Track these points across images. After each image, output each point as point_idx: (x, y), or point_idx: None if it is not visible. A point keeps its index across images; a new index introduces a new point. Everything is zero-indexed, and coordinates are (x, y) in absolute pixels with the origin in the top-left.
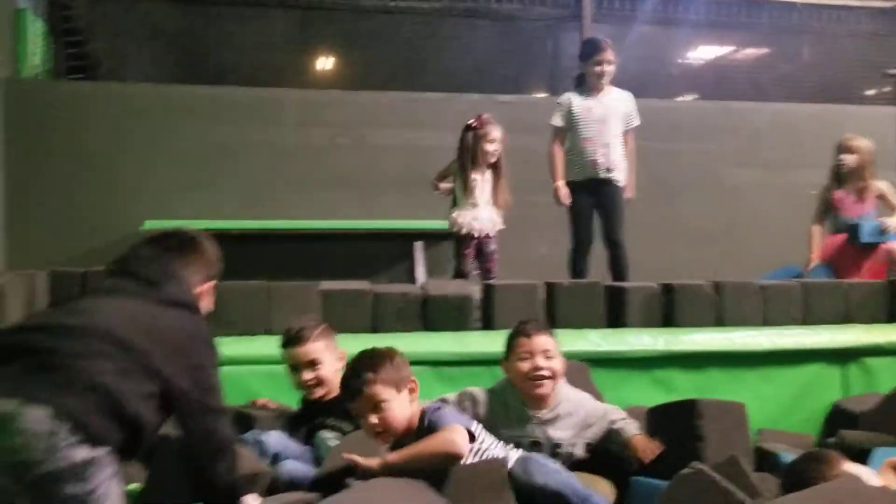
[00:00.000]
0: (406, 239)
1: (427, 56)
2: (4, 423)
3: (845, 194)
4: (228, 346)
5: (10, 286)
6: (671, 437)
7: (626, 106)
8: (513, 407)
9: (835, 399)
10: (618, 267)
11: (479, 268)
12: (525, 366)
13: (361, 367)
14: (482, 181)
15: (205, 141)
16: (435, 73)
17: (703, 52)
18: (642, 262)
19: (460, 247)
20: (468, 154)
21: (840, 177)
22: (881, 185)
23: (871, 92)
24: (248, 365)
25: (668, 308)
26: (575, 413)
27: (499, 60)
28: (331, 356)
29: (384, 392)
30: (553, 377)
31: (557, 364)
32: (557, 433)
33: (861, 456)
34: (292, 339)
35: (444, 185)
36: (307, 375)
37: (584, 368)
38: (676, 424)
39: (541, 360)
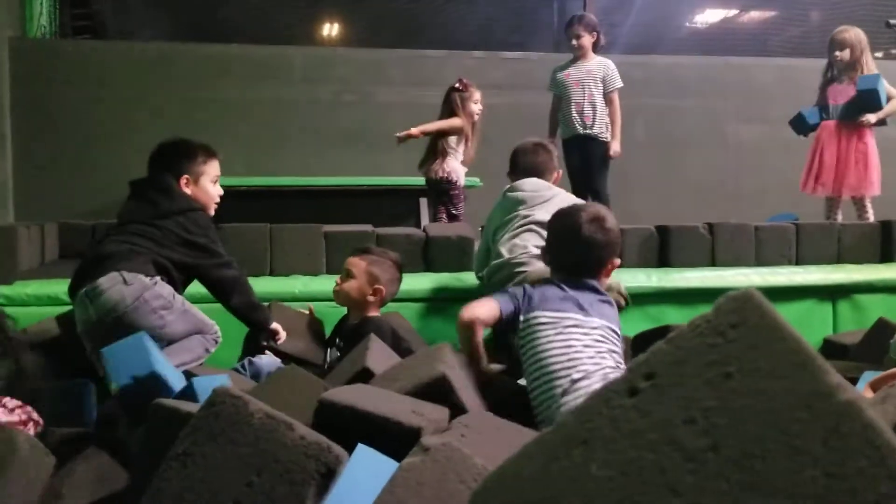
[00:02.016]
0: (412, 195)
1: (432, 13)
2: (89, 293)
3: (842, 87)
4: None
5: (23, 236)
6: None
7: (603, 72)
8: None
9: (826, 335)
10: None
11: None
12: None
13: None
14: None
15: (211, 98)
16: (440, 31)
17: (710, 15)
18: (647, 215)
19: (451, 196)
20: (460, 111)
21: (835, 72)
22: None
23: (878, 54)
24: None
25: (664, 249)
26: None
27: (503, 18)
28: (365, 280)
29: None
30: None
31: None
32: None
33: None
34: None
35: (415, 131)
36: (337, 280)
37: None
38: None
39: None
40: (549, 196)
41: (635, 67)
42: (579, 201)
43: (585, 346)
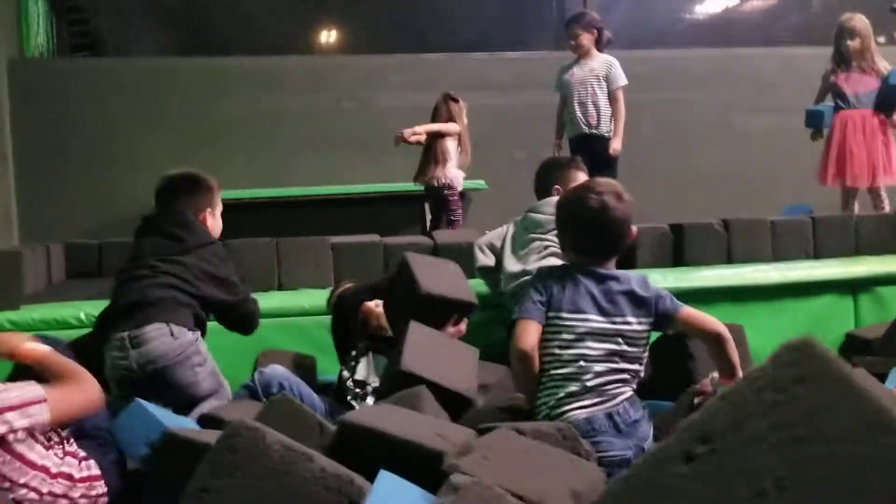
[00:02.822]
0: (417, 200)
1: (430, 16)
2: (133, 339)
3: (848, 75)
4: None
5: (28, 259)
6: (668, 360)
7: (605, 69)
8: None
9: (848, 330)
10: None
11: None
12: None
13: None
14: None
15: (212, 111)
16: (440, 33)
17: (710, 6)
18: (656, 209)
19: (450, 202)
20: (456, 118)
21: (842, 60)
22: (887, 65)
23: (881, 39)
24: (263, 318)
25: (678, 248)
26: None
27: (503, 17)
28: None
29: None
30: None
31: None
32: None
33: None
34: None
35: (416, 137)
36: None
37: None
38: (671, 348)
39: None
40: None
41: (638, 63)
42: None
43: (595, 360)
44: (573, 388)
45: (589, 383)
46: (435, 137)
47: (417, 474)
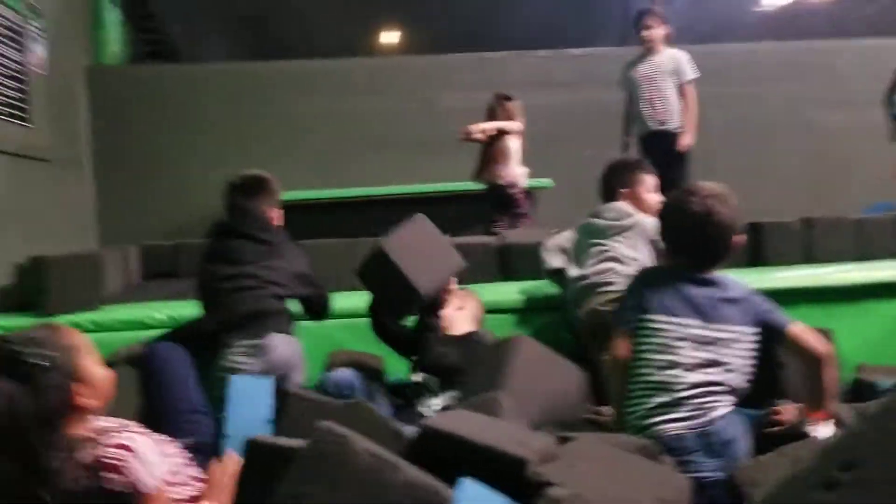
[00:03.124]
0: (480, 200)
1: (493, 14)
2: (258, 347)
3: None
4: None
5: (108, 261)
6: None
7: (675, 63)
8: None
9: None
10: None
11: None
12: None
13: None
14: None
15: (280, 113)
16: (503, 31)
17: None
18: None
19: (515, 199)
20: (516, 117)
21: None
22: None
23: None
24: (335, 319)
25: (756, 247)
26: None
27: (567, 14)
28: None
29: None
30: None
31: None
32: None
33: None
34: None
35: (482, 134)
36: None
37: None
38: (760, 352)
39: None
40: (627, 225)
41: (708, 57)
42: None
43: (690, 369)
44: (664, 398)
45: (681, 394)
46: (497, 136)
47: (499, 481)
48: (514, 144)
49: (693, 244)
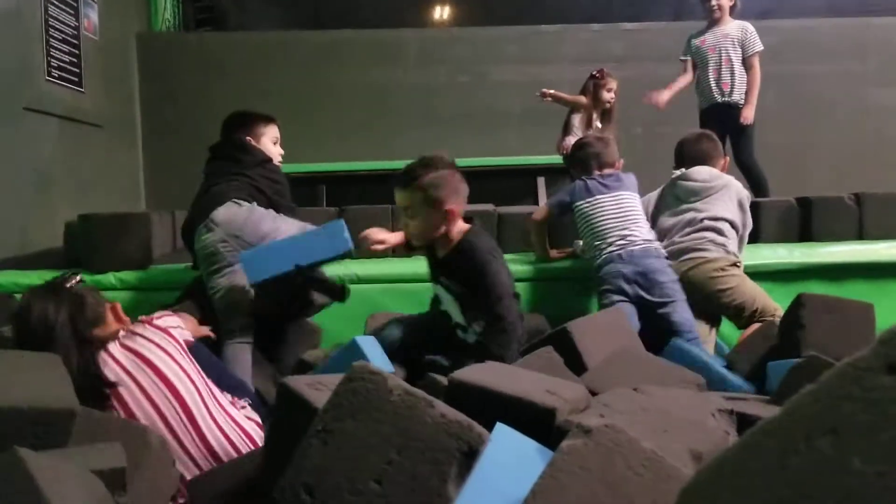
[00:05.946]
0: (529, 175)
1: None
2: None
3: None
4: (359, 266)
5: (156, 222)
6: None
7: (741, 34)
8: None
9: None
10: (752, 186)
11: None
12: None
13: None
14: (595, 122)
15: (327, 83)
16: (556, 4)
17: None
18: (784, 186)
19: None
20: (588, 94)
21: None
22: None
23: None
24: (375, 284)
25: (806, 222)
26: None
27: None
28: (426, 210)
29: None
30: None
31: None
32: None
33: None
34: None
35: (550, 92)
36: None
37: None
38: (787, 316)
39: None
40: (720, 186)
41: (766, 32)
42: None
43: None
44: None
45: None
46: (570, 109)
47: (529, 432)
48: (575, 119)
49: None
